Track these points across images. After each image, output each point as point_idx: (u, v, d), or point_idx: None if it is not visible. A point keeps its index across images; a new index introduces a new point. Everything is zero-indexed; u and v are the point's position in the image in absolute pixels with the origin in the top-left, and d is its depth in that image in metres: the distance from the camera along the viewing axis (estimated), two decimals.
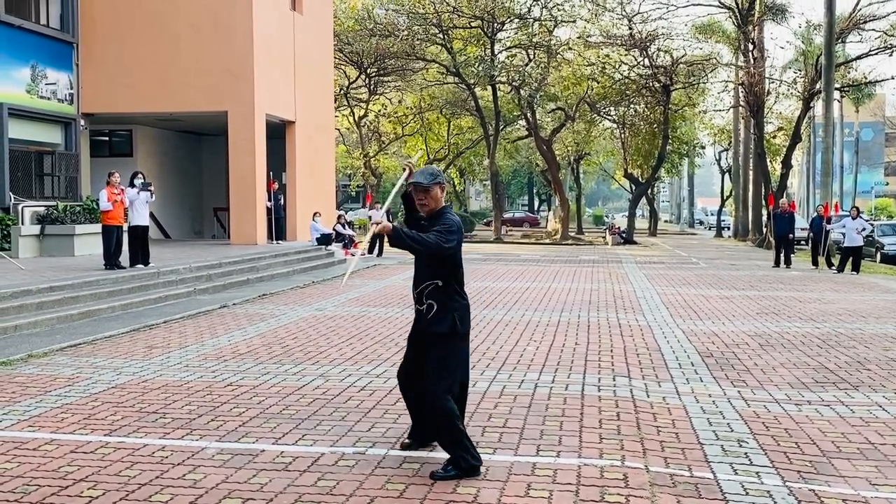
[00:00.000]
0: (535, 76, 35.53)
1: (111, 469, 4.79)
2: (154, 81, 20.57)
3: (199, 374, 7.41)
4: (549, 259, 24.49)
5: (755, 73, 33.34)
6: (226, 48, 20.43)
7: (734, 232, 42.96)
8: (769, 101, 36.58)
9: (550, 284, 16.02)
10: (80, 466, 4.83)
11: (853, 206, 21.98)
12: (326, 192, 26.12)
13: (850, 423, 6.00)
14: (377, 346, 8.86)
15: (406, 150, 49.01)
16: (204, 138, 26.74)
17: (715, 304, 13.08)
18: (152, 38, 20.67)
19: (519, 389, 6.80)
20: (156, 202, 17.99)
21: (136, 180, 14.14)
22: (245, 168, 20.67)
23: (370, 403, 6.33)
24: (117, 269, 13.43)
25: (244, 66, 20.40)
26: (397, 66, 37.11)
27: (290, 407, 6.23)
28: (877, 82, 35.83)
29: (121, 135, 24.28)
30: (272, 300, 13.19)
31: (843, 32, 31.25)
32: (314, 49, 24.84)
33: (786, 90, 36.62)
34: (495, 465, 4.82)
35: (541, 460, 4.94)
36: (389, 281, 16.69)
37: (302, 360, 8.10)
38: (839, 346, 9.18)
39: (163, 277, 13.63)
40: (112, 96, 20.62)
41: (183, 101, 20.66)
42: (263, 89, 20.94)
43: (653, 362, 8.15)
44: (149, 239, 14.45)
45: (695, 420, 6.00)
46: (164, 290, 13.07)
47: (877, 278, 18.61)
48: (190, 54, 20.50)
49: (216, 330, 10.06)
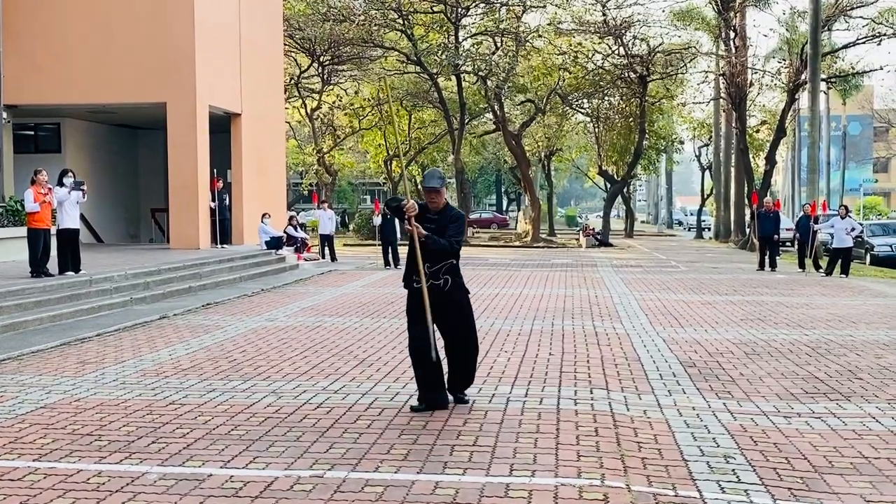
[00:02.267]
0: (503, 66, 35.69)
1: (41, 498, 4.70)
2: (85, 70, 20.27)
3: (137, 392, 7.32)
4: (519, 263, 24.60)
5: (737, 63, 33.86)
6: (164, 33, 20.21)
7: (715, 233, 43.56)
8: (752, 93, 37.18)
9: (521, 291, 16.09)
10: (5, 496, 4.73)
11: (841, 205, 22.40)
12: (276, 192, 25.96)
13: (843, 436, 6.10)
14: (334, 360, 8.82)
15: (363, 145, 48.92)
16: (140, 132, 26.42)
17: (697, 310, 13.24)
18: (83, 22, 20.38)
19: (490, 404, 6.81)
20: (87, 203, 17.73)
21: (66, 179, 13.92)
22: (186, 165, 20.46)
23: (327, 422, 6.29)
24: (45, 276, 13.21)
25: (184, 53, 20.20)
26: (353, 53, 37.01)
27: (239, 427, 6.17)
28: (865, 73, 36.57)
29: (48, 128, 23.87)
30: (217, 310, 13.09)
31: (830, 20, 31.87)
32: (262, 35, 24.68)
33: (769, 81, 37.28)
34: (466, 487, 4.82)
35: (515, 480, 4.95)
36: (346, 288, 16.64)
37: (251, 375, 8.04)
38: (829, 353, 9.35)
39: (96, 286, 13.45)
40: (38, 86, 20.26)
41: (117, 91, 20.39)
42: (206, 78, 20.75)
43: (632, 373, 8.22)
44: (80, 243, 14.24)
45: (678, 435, 6.06)
46: (97, 300, 12.90)
47: (867, 281, 19.01)
48: (125, 40, 20.24)
49: (156, 343, 9.95)
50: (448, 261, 6.60)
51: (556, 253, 31.39)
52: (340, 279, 18.65)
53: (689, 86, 43.73)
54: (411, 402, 6.77)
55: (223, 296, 14.78)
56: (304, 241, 24.46)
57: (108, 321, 11.62)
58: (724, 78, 35.78)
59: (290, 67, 37.68)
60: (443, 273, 6.59)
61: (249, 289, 16.04)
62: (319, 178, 43.05)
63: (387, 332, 10.77)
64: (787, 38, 35.40)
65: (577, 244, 38.20)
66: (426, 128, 47.12)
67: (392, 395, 7.15)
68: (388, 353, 9.23)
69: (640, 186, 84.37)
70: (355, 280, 18.35)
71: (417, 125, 46.44)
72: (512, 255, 29.93)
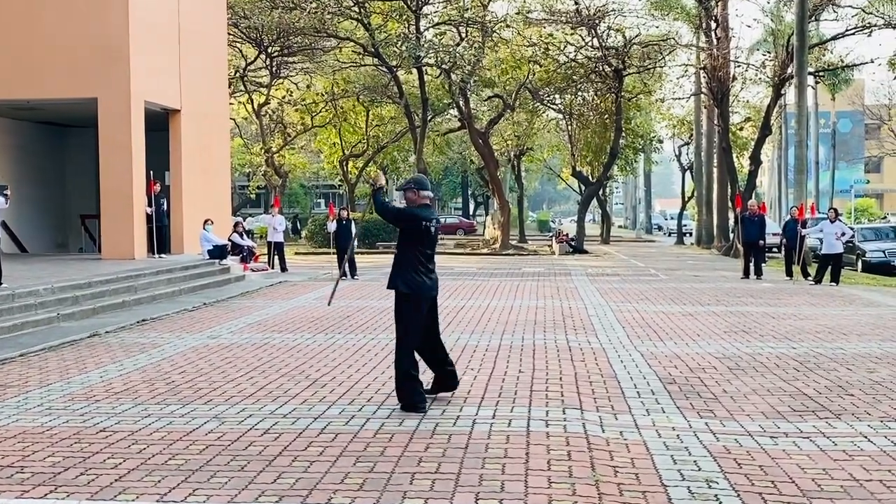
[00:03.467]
0: (468, 58, 35.79)
1: None
2: (6, 62, 19.98)
3: (64, 419, 7.23)
4: (487, 272, 24.66)
5: (719, 56, 34.31)
6: (96, 22, 20.00)
7: (697, 238, 44.06)
8: (735, 88, 37.71)
9: (489, 302, 16.12)
10: None
11: (831, 208, 22.77)
12: (220, 195, 25.78)
13: (833, 457, 6.18)
14: (283, 380, 8.77)
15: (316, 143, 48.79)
16: (69, 131, 26.11)
17: (677, 321, 13.36)
18: (5, 8, 20.10)
19: (454, 427, 6.82)
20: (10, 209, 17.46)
21: None
22: (119, 167, 20.25)
23: (275, 449, 6.25)
24: None
25: (117, 44, 20.00)
26: (304, 44, 36.90)
27: (177, 456, 6.11)
28: (854, 66, 37.20)
29: None
30: (154, 326, 12.97)
31: (817, 9, 32.44)
32: (204, 24, 24.53)
33: (753, 75, 37.75)
34: None
35: None
36: (297, 301, 16.56)
37: (191, 398, 7.97)
38: (818, 368, 9.48)
39: (18, 300, 13.24)
40: None
41: (43, 86, 20.13)
42: (141, 72, 20.57)
43: (608, 391, 8.27)
44: (0, 254, 14.02)
45: (657, 458, 6.10)
46: (20, 317, 12.71)
47: (858, 289, 19.31)
48: (52, 29, 19.99)
49: (85, 364, 9.83)
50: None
51: (527, 261, 31.53)
52: (291, 291, 18.56)
53: (668, 80, 44.25)
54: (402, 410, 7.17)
55: (161, 311, 14.64)
56: (250, 250, 24.33)
57: (33, 340, 11.47)
58: (705, 72, 36.24)
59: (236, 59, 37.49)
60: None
61: (190, 303, 15.92)
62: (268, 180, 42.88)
63: (342, 349, 10.73)
64: (772, 29, 35.93)
65: (549, 251, 38.39)
66: (385, 125, 47.03)
67: (347, 419, 7.12)
68: (343, 372, 9.20)
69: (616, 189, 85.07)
70: (308, 292, 18.27)
71: (376, 122, 46.38)
72: (479, 263, 30.00)
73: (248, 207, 62.67)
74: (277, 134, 45.59)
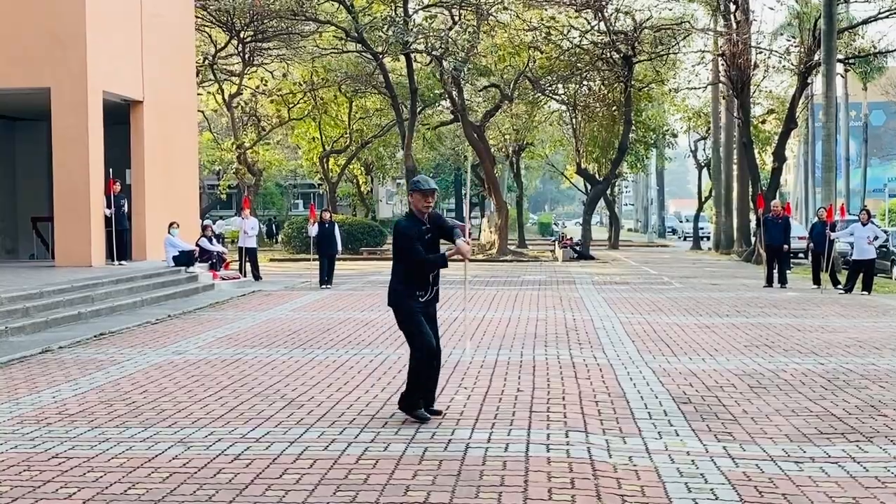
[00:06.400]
0: (462, 44, 35.86)
1: None
2: None
3: (13, 444, 7.21)
4: (483, 280, 24.68)
5: (738, 41, 34.40)
6: (48, 4, 20.00)
7: (715, 243, 44.14)
8: (756, 77, 37.79)
9: (485, 314, 16.13)
10: None
11: (863, 209, 22.77)
12: (187, 196, 25.76)
13: (864, 484, 6.20)
14: (256, 401, 8.76)
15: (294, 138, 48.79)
16: (18, 125, 26.07)
17: (693, 335, 13.38)
18: None
19: (445, 452, 6.81)
20: None
21: None
22: (75, 164, 20.24)
23: (247, 477, 6.24)
24: None
25: (73, 29, 19.99)
26: (280, 28, 36.90)
27: (137, 485, 6.10)
28: (888, 52, 37.36)
29: None
30: (113, 341, 12.93)
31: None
32: (169, 6, 24.53)
33: (777, 62, 37.88)
34: None
35: None
36: (272, 312, 16.55)
37: (154, 421, 7.96)
38: (848, 386, 9.51)
39: None
40: None
41: None
42: (99, 59, 20.56)
43: (616, 412, 8.28)
44: None
45: (669, 485, 6.10)
46: None
47: (893, 299, 19.37)
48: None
49: (36, 382, 9.80)
50: (439, 271, 8.14)
51: (528, 268, 31.55)
52: (265, 302, 18.54)
53: (683, 68, 44.39)
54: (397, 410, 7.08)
55: (121, 323, 14.60)
56: (220, 256, 24.29)
57: None
58: (723, 59, 36.31)
59: (204, 45, 37.49)
60: (435, 283, 8.13)
61: (153, 314, 15.89)
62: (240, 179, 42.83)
63: (321, 366, 10.73)
64: (798, 12, 36.09)
65: (551, 257, 38.43)
66: (370, 118, 47.13)
67: (327, 443, 7.11)
68: (323, 391, 9.19)
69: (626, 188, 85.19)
70: (283, 303, 18.25)
71: (360, 115, 46.44)
72: (475, 270, 30.00)
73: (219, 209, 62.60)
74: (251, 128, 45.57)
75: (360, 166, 52.60)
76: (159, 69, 23.56)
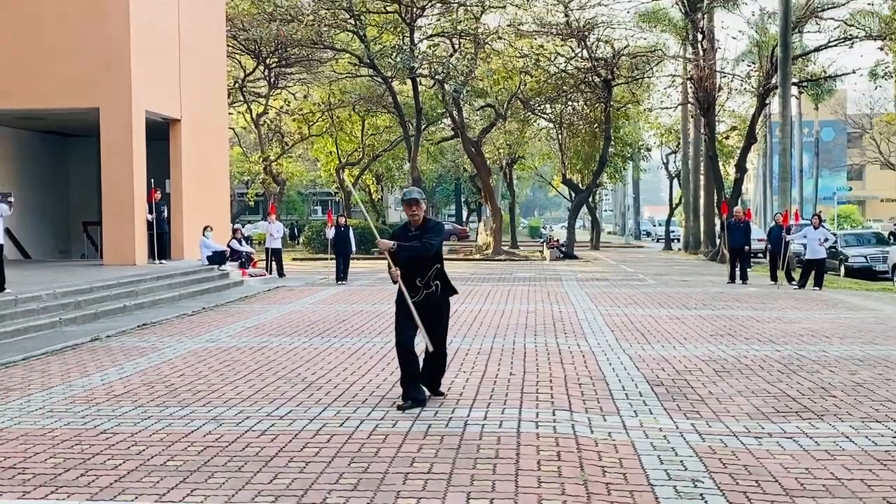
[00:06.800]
0: (461, 69, 35.84)
1: None
2: (10, 72, 19.94)
3: (65, 421, 7.20)
4: (479, 277, 24.66)
5: (705, 67, 34.37)
6: (97, 33, 19.98)
7: (684, 244, 44.08)
8: (721, 98, 37.74)
9: (481, 306, 16.12)
10: None
11: (815, 214, 22.76)
12: (219, 203, 25.76)
13: (815, 456, 6.20)
14: (280, 383, 8.75)
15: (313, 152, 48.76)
16: (71, 140, 26.07)
17: (665, 325, 13.37)
18: (8, 21, 20.06)
19: (446, 428, 6.81)
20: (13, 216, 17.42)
21: None
22: (121, 175, 20.23)
23: (272, 450, 6.24)
24: None
25: (119, 55, 19.99)
26: (302, 55, 36.93)
27: (175, 457, 6.09)
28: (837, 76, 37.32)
29: None
30: (154, 331, 12.93)
31: (800, 21, 32.53)
32: (204, 35, 24.53)
33: (739, 85, 37.79)
34: None
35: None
36: (294, 305, 16.54)
37: (190, 401, 7.95)
38: (802, 370, 9.50)
39: (21, 305, 13.21)
40: None
41: (45, 96, 20.10)
42: (142, 82, 20.55)
43: (596, 393, 8.27)
44: (4, 260, 13.98)
45: (644, 458, 6.10)
46: (23, 321, 12.68)
47: (841, 294, 19.35)
48: (54, 40, 19.96)
49: (86, 367, 9.80)
50: (433, 267, 7.70)
51: (519, 266, 31.52)
52: (288, 296, 18.54)
53: (656, 90, 44.31)
54: (397, 403, 7.57)
55: (161, 315, 14.60)
56: (249, 256, 24.28)
57: (35, 344, 11.42)
58: (691, 82, 36.28)
59: (235, 70, 37.46)
60: (433, 280, 7.71)
61: (190, 307, 15.89)
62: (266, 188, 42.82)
63: (338, 352, 10.72)
64: (757, 41, 36.02)
65: (540, 257, 38.38)
66: (380, 134, 47.11)
67: (342, 421, 7.11)
68: (339, 375, 9.19)
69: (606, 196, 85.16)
70: (304, 297, 18.25)
71: (371, 131, 46.42)
72: (472, 268, 29.98)
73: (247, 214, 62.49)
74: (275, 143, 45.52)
75: (372, 176, 52.57)
76: (195, 91, 23.56)
